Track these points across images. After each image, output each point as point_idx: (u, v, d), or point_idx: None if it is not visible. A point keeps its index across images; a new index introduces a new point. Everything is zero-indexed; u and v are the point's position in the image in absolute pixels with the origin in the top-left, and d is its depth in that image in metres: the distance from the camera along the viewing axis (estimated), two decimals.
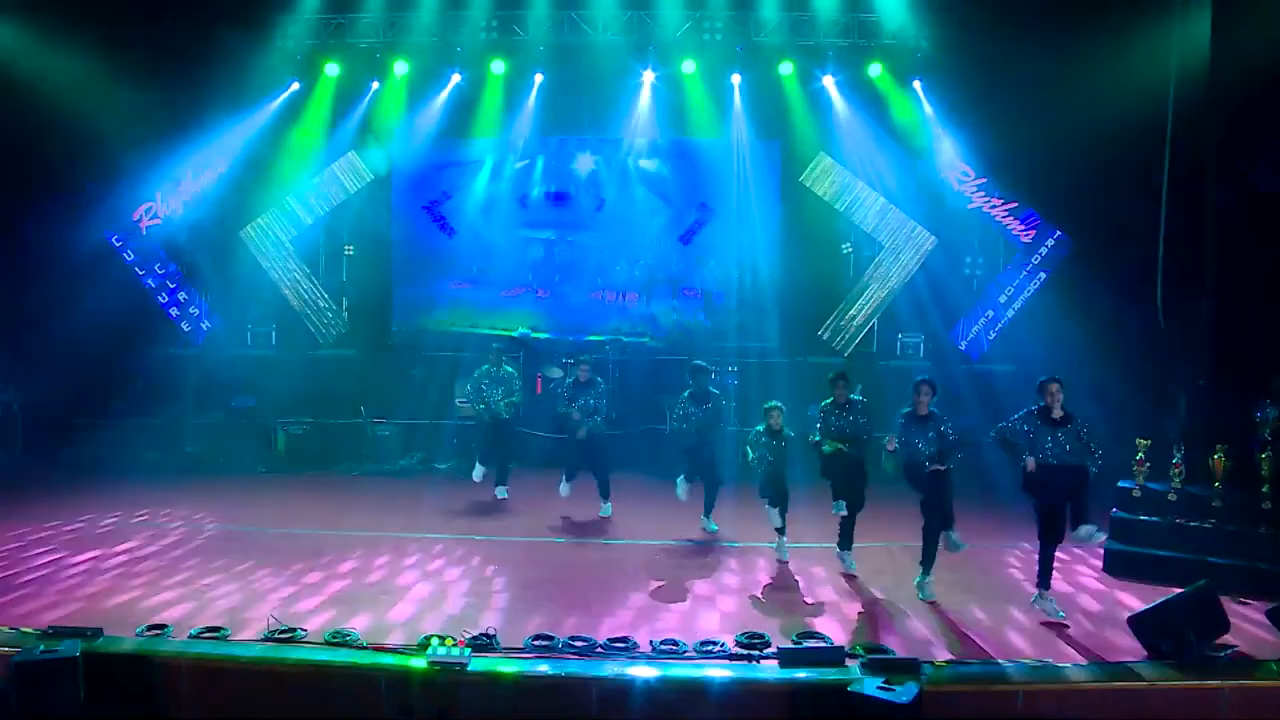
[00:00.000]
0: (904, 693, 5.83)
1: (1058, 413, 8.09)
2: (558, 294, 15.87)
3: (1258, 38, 10.28)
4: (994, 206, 14.40)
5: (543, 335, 15.41)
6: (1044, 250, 14.23)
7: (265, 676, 6.49)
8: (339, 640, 6.92)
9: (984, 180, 14.39)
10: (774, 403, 9.83)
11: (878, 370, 14.43)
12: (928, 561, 8.36)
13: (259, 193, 15.26)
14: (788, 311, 15.58)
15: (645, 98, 15.11)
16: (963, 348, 14.71)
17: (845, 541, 9.20)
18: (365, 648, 6.84)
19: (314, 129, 15.17)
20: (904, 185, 14.85)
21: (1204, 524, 8.93)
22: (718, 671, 6.59)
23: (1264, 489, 8.88)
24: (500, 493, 11.96)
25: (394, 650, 6.77)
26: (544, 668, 6.62)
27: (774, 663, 6.67)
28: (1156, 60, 12.01)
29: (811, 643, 6.98)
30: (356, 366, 15.15)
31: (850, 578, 8.95)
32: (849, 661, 6.59)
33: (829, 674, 6.38)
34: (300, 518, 10.96)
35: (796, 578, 9.00)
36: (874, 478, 9.46)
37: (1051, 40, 12.58)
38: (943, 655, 6.97)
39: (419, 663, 6.49)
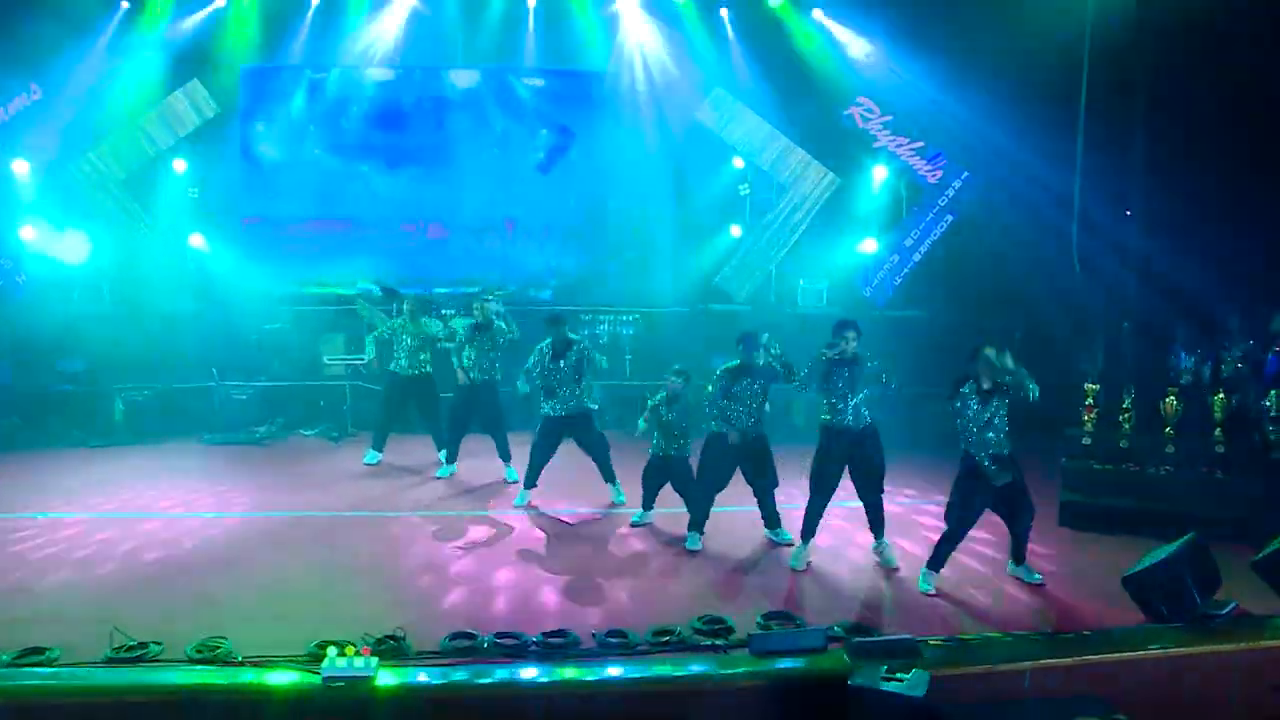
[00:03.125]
0: (915, 683, 4.91)
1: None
2: (423, 237, 14.31)
3: None
4: (900, 145, 13.68)
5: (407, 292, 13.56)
6: (951, 191, 13.61)
7: (110, 711, 5.06)
8: (207, 655, 5.53)
9: (889, 118, 13.63)
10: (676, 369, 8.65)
11: (782, 319, 13.62)
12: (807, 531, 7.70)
13: (88, 126, 12.97)
14: (682, 257, 14.59)
15: (528, 23, 13.77)
16: (868, 294, 14.03)
17: (772, 520, 8.28)
18: (242, 663, 5.47)
19: (148, 55, 13.01)
20: (806, 122, 13.95)
21: (1159, 470, 8.42)
22: (679, 668, 5.55)
23: (1216, 433, 8.43)
24: (444, 472, 10.22)
25: (279, 663, 5.43)
26: (468, 675, 5.42)
27: (743, 650, 5.69)
28: None
29: (781, 625, 6.03)
30: (207, 323, 13.24)
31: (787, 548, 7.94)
32: (832, 646, 5.66)
33: (815, 663, 5.43)
34: (135, 496, 9.28)
35: (730, 551, 8.00)
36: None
37: None
38: (911, 630, 6.11)
39: (313, 679, 5.19)
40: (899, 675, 4.95)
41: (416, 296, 10.85)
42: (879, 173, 13.87)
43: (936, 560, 7.09)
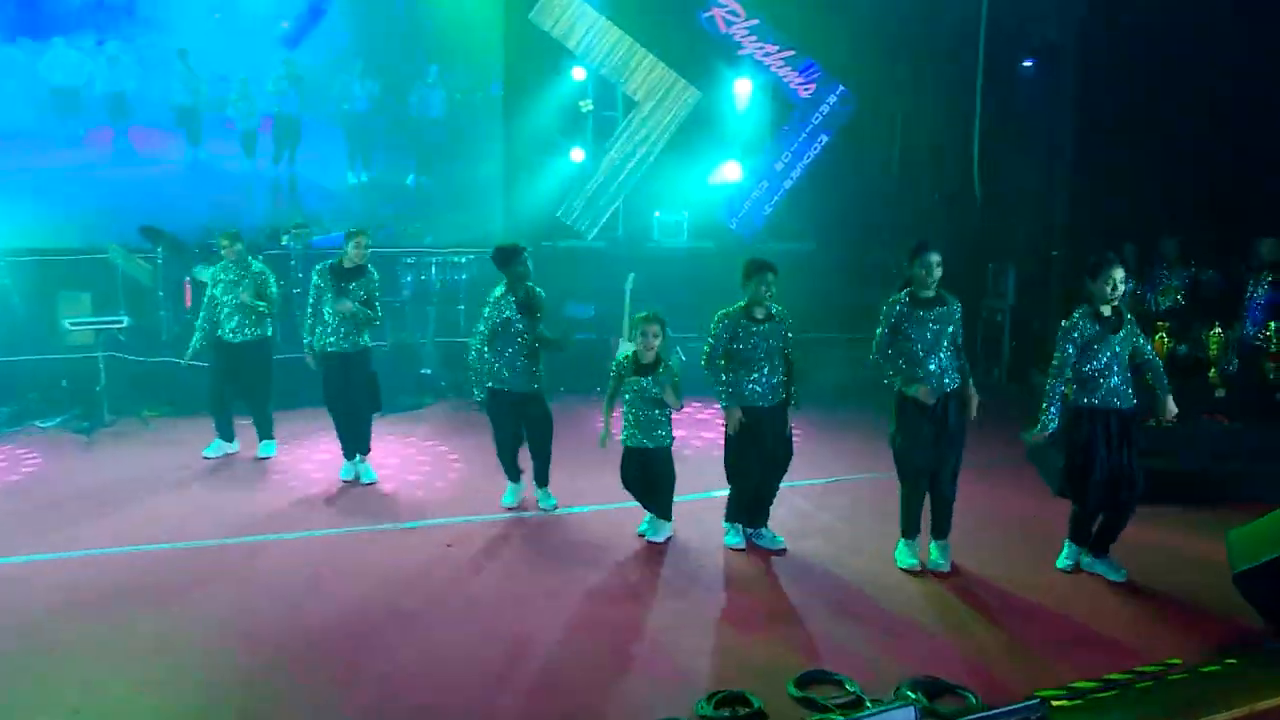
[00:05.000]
0: None
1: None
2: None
3: None
4: (767, 54, 11.96)
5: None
6: (826, 108, 12.06)
7: None
8: None
9: (755, 22, 11.86)
10: (645, 313, 6.30)
11: (642, 255, 11.73)
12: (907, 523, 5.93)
13: None
14: (516, 187, 12.39)
15: None
16: (734, 226, 12.35)
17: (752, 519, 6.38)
18: None
19: None
20: (660, 26, 11.96)
21: (1158, 423, 7.16)
22: None
23: (1211, 373, 7.29)
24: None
25: None
26: None
27: None
28: None
29: (831, 695, 4.19)
30: None
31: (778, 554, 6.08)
32: None
33: None
34: None
35: (702, 568, 5.94)
36: None
37: None
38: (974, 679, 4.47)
39: None
40: None
41: (230, 234, 8.09)
42: (743, 86, 12.11)
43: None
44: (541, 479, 6.83)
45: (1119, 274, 5.46)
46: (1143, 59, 8.67)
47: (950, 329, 5.64)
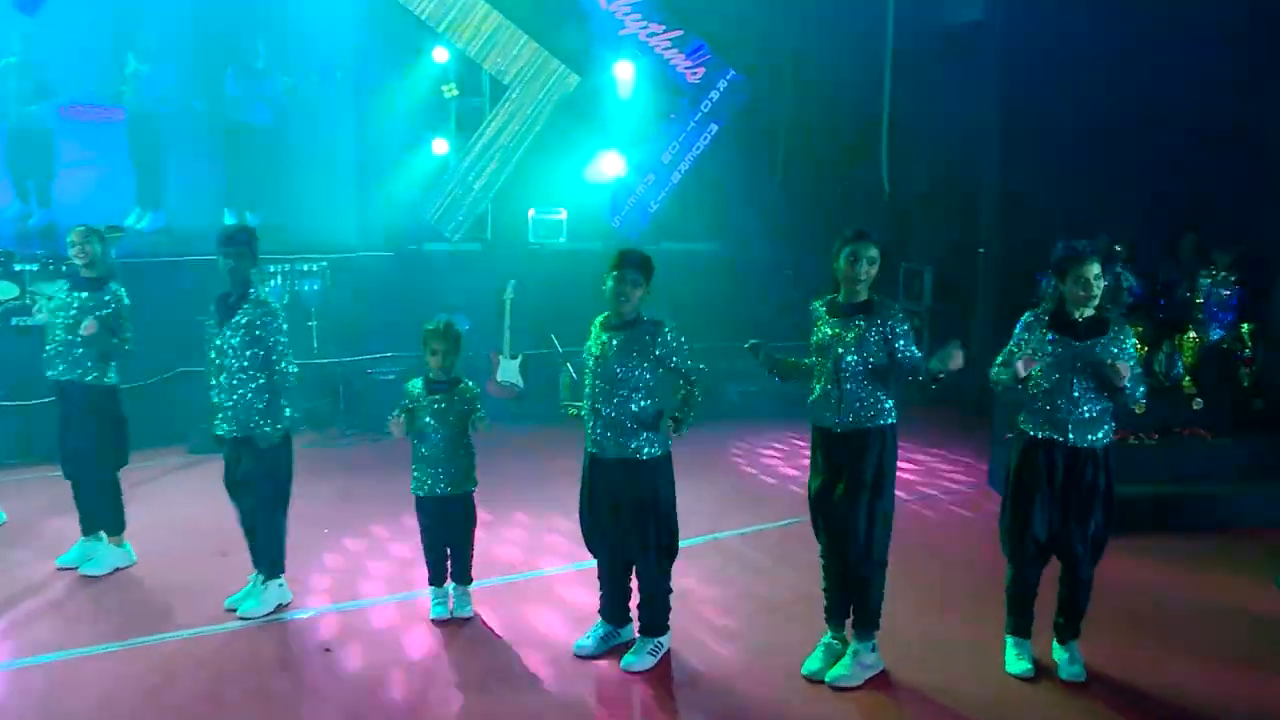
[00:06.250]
0: None
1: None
2: None
3: None
4: (652, 34, 10.86)
5: None
6: (716, 94, 11.05)
7: None
8: None
9: None
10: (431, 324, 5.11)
11: (519, 259, 10.45)
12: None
13: None
14: (370, 184, 10.85)
15: None
16: (617, 225, 11.20)
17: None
18: None
19: None
20: (533, 2, 10.68)
21: (1137, 439, 6.43)
22: None
23: (1185, 381, 6.60)
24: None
25: None
26: None
27: None
28: None
29: None
30: None
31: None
32: None
33: None
34: None
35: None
36: None
37: None
38: None
39: None
40: None
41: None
42: (625, 70, 10.94)
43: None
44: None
45: (1093, 270, 4.30)
46: (1071, 37, 7.98)
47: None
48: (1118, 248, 6.97)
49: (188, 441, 8.20)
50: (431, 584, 5.15)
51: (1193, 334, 6.69)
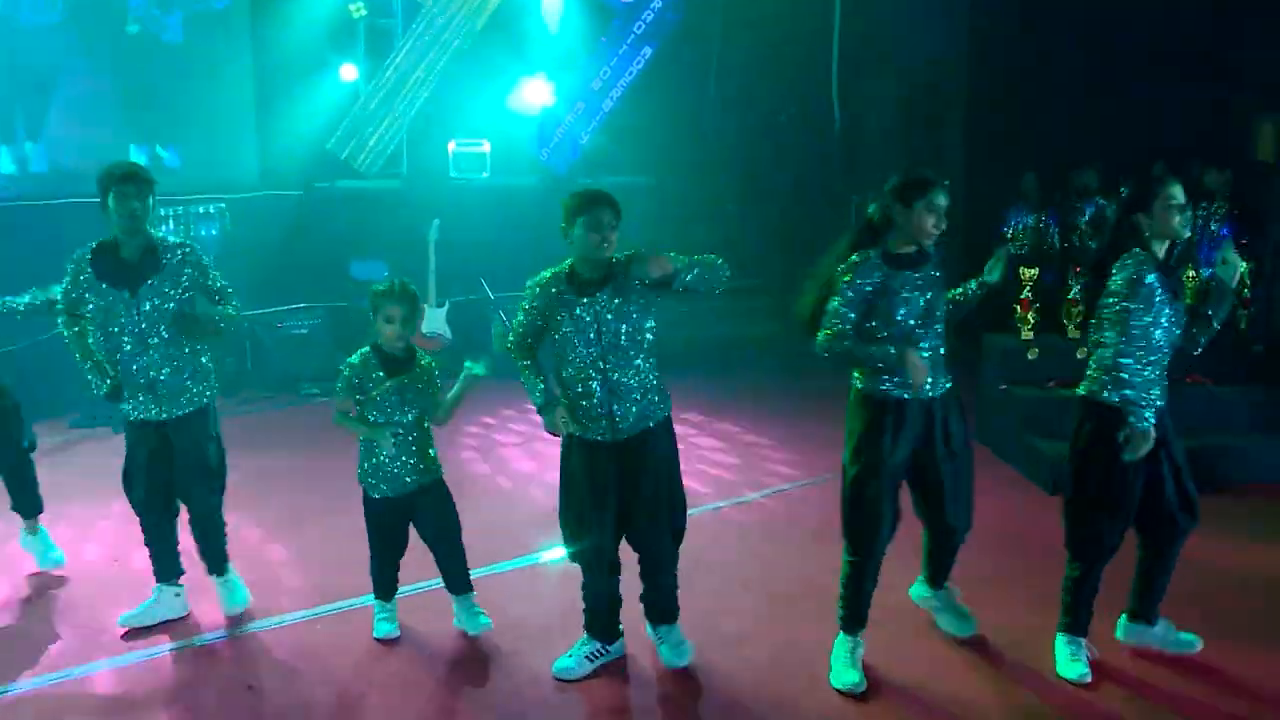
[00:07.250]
0: None
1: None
2: None
3: None
4: None
5: None
6: (650, 15, 10.23)
7: None
8: None
9: None
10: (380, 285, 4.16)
11: (441, 196, 9.60)
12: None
13: None
14: (270, 115, 9.81)
15: None
16: (545, 158, 10.40)
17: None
18: None
19: None
20: None
21: None
22: None
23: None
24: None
25: None
26: None
27: None
28: None
29: None
30: None
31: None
32: None
33: None
34: None
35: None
36: None
37: None
38: None
39: None
40: None
41: None
42: None
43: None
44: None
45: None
46: None
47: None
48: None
49: (69, 414, 7.26)
50: (379, 599, 4.29)
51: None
